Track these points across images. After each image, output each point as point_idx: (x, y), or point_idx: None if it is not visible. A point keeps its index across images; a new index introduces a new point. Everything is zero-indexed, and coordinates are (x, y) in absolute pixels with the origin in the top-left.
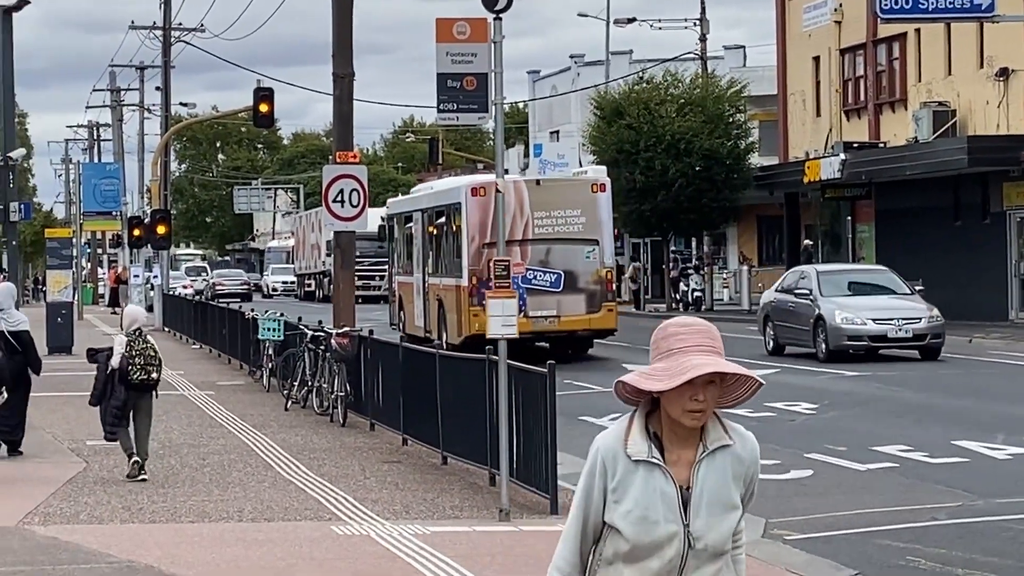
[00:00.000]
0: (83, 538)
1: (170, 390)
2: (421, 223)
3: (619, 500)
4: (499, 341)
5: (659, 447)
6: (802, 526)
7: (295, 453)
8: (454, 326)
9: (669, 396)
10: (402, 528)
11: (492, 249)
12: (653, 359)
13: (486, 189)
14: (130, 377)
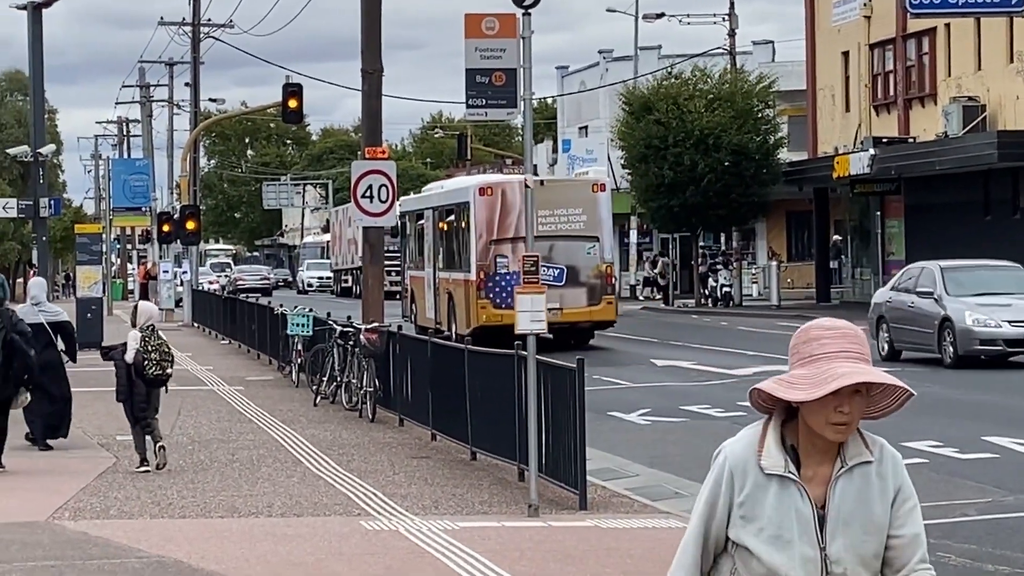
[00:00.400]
0: (113, 533)
1: (199, 385)
2: (432, 220)
3: (748, 517)
4: (528, 336)
5: (795, 461)
6: None
7: (324, 448)
8: (463, 318)
9: (810, 407)
10: (431, 523)
11: (498, 245)
12: (793, 365)
13: (493, 189)
14: (145, 372)
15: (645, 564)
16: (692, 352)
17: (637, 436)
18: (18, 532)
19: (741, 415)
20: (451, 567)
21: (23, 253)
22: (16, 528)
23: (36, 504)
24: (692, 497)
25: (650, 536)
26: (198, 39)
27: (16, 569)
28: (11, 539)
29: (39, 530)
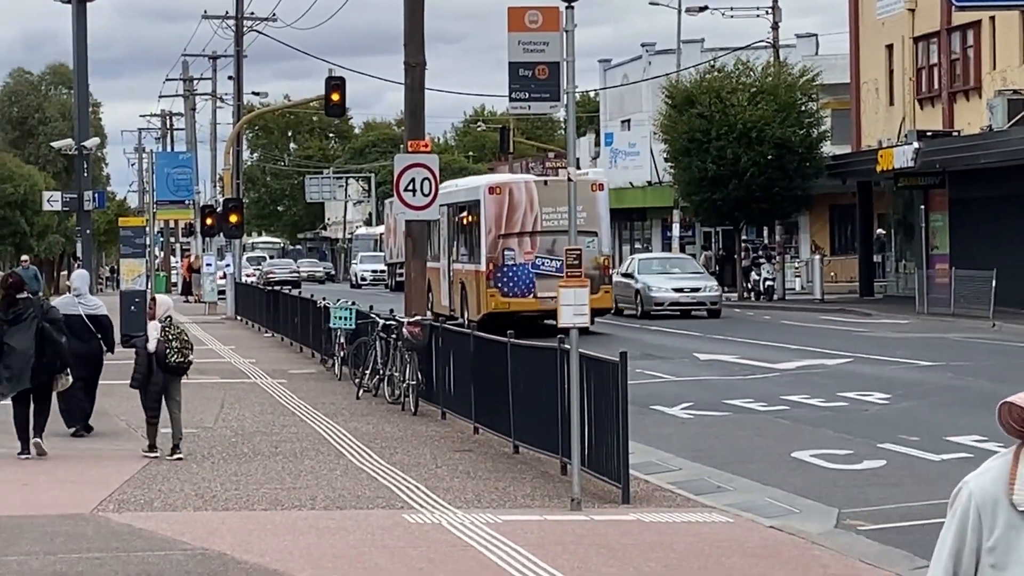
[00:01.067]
0: (156, 525)
1: (242, 378)
2: (447, 216)
3: (1000, 566)
4: (571, 330)
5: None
6: (875, 517)
7: (367, 441)
8: (474, 305)
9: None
10: (473, 517)
11: (506, 239)
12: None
13: (501, 188)
14: (168, 360)
15: (688, 558)
16: (735, 346)
17: (680, 430)
18: (63, 524)
19: (784, 409)
20: (493, 560)
21: (67, 246)
22: (61, 520)
23: (81, 496)
24: (735, 491)
25: (693, 530)
26: (241, 32)
27: (61, 561)
28: (56, 531)
29: (83, 522)
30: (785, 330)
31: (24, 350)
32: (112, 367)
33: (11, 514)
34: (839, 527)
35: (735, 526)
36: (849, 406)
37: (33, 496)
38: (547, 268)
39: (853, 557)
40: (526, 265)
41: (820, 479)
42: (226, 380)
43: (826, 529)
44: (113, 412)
